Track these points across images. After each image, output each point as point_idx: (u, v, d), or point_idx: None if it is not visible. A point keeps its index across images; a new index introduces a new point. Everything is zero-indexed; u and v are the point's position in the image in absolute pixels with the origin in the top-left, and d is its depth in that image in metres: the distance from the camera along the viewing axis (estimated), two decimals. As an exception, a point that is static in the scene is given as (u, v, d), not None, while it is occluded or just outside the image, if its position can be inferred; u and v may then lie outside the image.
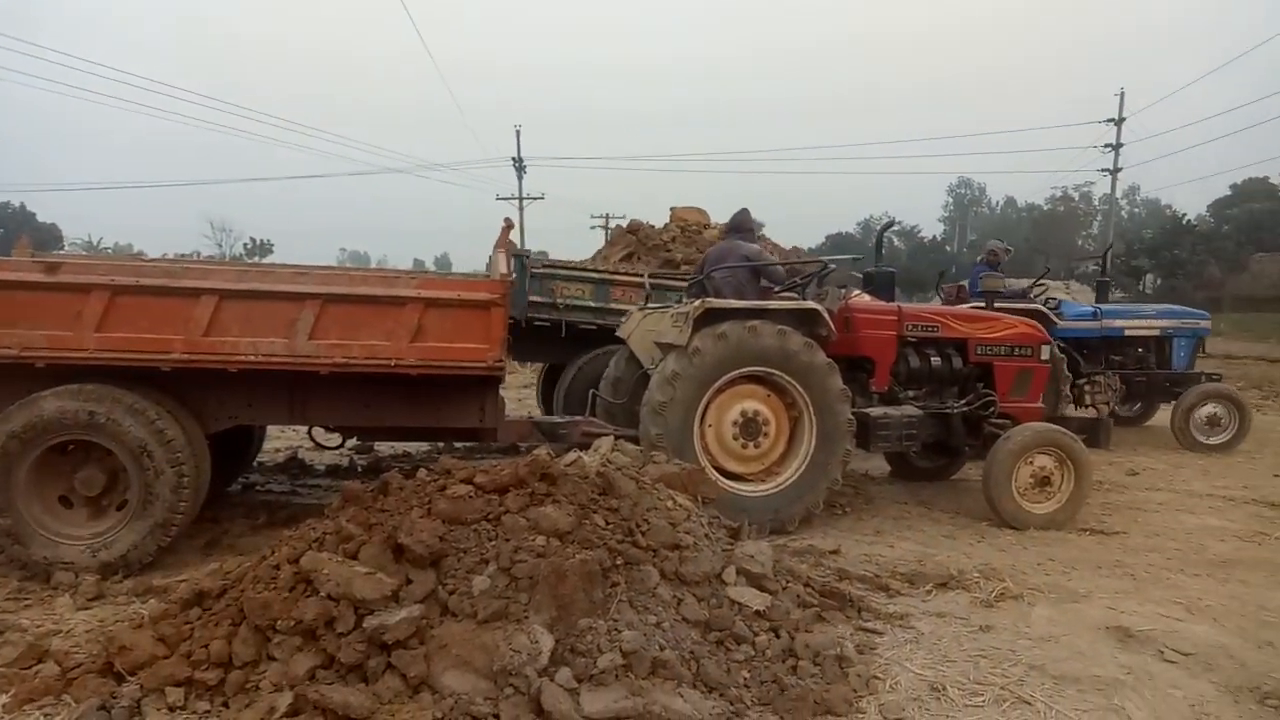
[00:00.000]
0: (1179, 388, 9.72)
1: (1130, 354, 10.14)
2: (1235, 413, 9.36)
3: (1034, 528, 5.73)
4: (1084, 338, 9.89)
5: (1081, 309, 10.13)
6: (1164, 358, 10.11)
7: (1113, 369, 9.95)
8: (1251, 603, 4.39)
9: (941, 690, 3.32)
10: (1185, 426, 9.35)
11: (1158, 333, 10.11)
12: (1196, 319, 10.37)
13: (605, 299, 7.93)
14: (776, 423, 5.63)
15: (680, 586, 3.56)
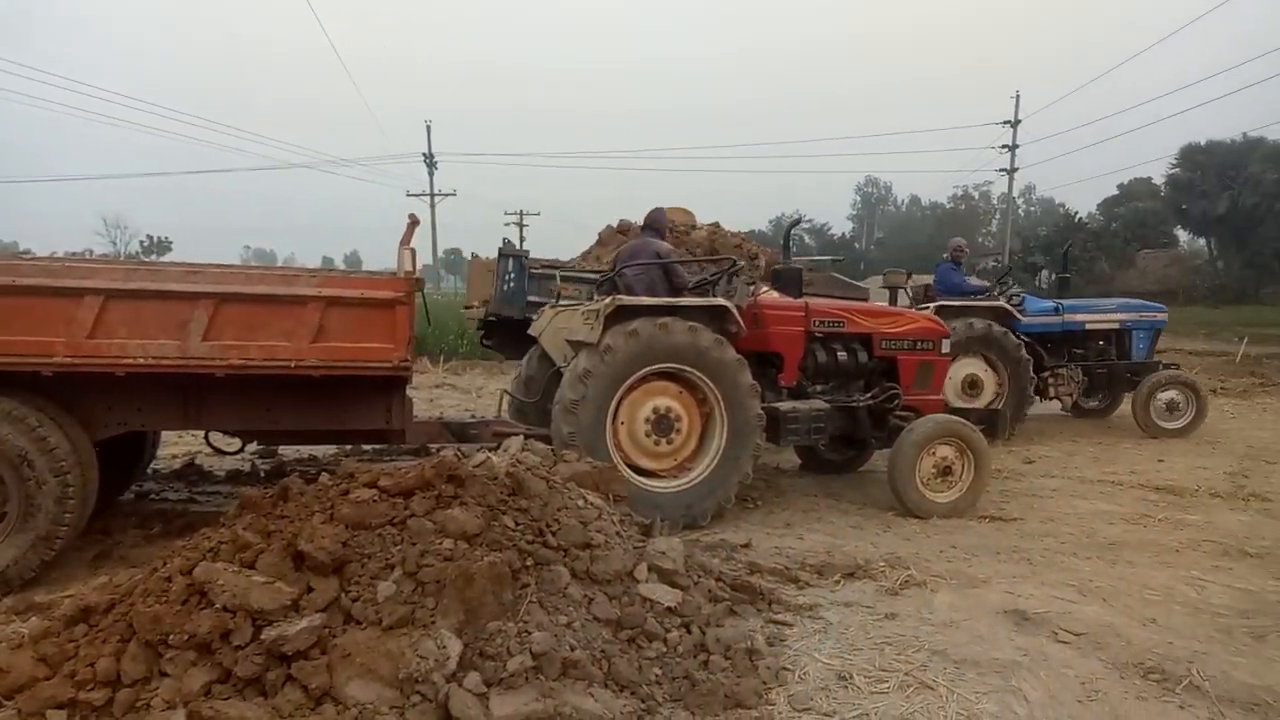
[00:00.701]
0: (1138, 377, 10.07)
1: (1092, 347, 10.46)
2: (1192, 397, 9.81)
3: (937, 516, 5.90)
4: (1047, 332, 10.19)
5: (1044, 305, 10.44)
6: (1124, 350, 10.48)
7: (1075, 362, 10.31)
8: (1137, 583, 4.61)
9: (848, 678, 3.38)
10: (1146, 413, 9.73)
11: (1117, 326, 10.46)
12: (1154, 312, 10.75)
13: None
14: (688, 419, 5.66)
15: (592, 585, 3.54)
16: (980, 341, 9.41)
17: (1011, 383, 9.48)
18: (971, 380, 9.47)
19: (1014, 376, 9.46)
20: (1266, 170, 34.95)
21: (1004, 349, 9.42)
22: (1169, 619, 4.08)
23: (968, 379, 9.46)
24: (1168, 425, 9.72)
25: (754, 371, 5.82)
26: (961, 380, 9.43)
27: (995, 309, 9.66)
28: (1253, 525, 5.86)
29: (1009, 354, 9.42)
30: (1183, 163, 39.17)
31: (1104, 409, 11.12)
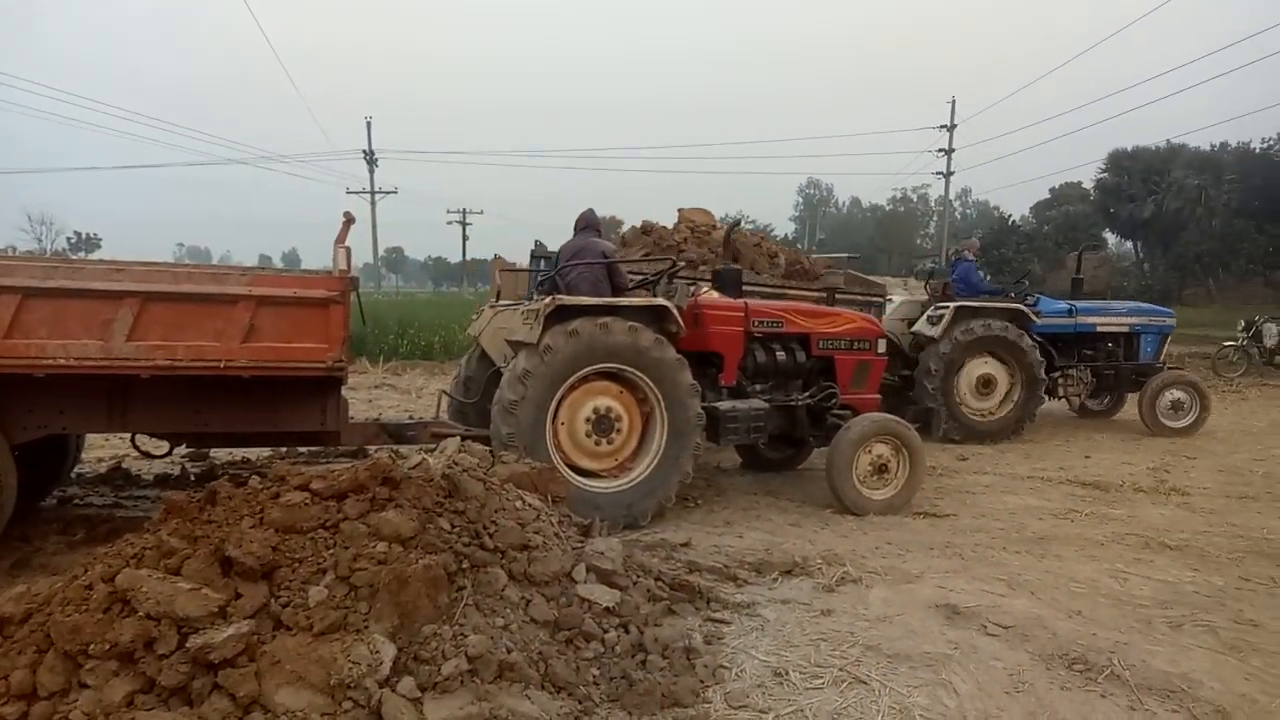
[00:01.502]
0: (1144, 379, 10.32)
1: (1101, 349, 10.63)
2: (1196, 397, 10.06)
3: (873, 513, 6.00)
4: (1059, 333, 10.33)
5: (1058, 306, 10.56)
6: (1132, 352, 10.64)
7: (1084, 363, 10.50)
8: (1064, 576, 4.75)
9: (784, 675, 3.42)
10: (1152, 412, 9.99)
11: (1127, 329, 10.65)
12: (1163, 316, 11.00)
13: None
14: (629, 419, 5.66)
15: (529, 587, 3.52)
16: (995, 342, 9.55)
17: (1024, 383, 9.64)
18: (985, 379, 9.61)
19: (1026, 377, 9.63)
20: (1188, 176, 36.26)
21: (1018, 350, 9.55)
22: (1093, 610, 4.20)
23: (982, 378, 9.60)
24: (1173, 424, 9.97)
25: (694, 371, 5.85)
26: (976, 379, 9.59)
27: (1012, 310, 9.82)
28: (1173, 519, 6.07)
29: (1022, 355, 9.56)
30: (1111, 168, 40.45)
31: (1109, 409, 11.36)
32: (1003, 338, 9.49)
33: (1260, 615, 4.13)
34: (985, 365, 9.60)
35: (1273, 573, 4.81)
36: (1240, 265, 28.36)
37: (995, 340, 9.50)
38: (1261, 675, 3.47)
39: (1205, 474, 7.67)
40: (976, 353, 9.51)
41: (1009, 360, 9.63)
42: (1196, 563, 5.02)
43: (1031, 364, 9.54)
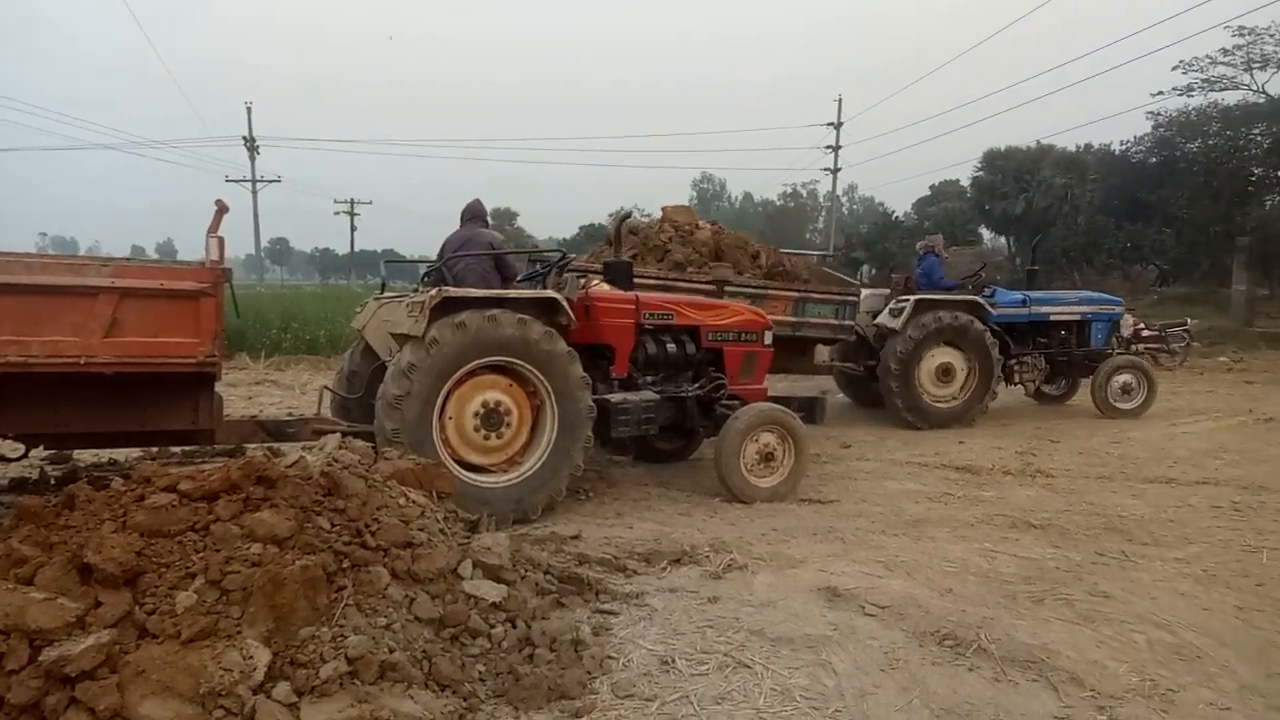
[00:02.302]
0: (1096, 364, 10.85)
1: (1054, 336, 11.14)
2: (1144, 381, 10.65)
3: (760, 500, 6.13)
4: (1014, 322, 10.79)
5: (1013, 297, 11.03)
6: (1083, 339, 11.17)
7: (1039, 350, 10.99)
8: (938, 556, 4.96)
9: (670, 663, 3.47)
10: (1104, 395, 10.52)
11: (1078, 317, 11.16)
12: (1111, 304, 11.56)
13: None
14: (519, 412, 5.62)
15: (413, 585, 3.47)
16: (953, 332, 9.98)
17: (979, 371, 10.13)
18: (945, 368, 10.05)
19: (982, 365, 10.11)
20: (1056, 175, 38.29)
21: (974, 339, 10.01)
22: (964, 588, 4.41)
23: (941, 367, 10.04)
24: (1123, 406, 10.54)
25: (585, 363, 5.85)
26: (936, 368, 10.02)
27: (969, 302, 10.28)
28: (1038, 499, 6.43)
29: (978, 344, 10.03)
30: (985, 166, 42.28)
31: (1063, 394, 11.87)
32: (960, 328, 9.97)
33: (1112, 587, 4.42)
34: (944, 355, 10.05)
35: (1124, 547, 5.15)
36: (1102, 260, 30.14)
37: (953, 330, 9.97)
38: (1111, 643, 3.72)
39: (1067, 457, 8.14)
40: (936, 343, 9.96)
41: (966, 349, 10.09)
42: (1057, 540, 5.33)
43: (987, 351, 10.04)
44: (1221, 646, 3.71)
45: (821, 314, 9.41)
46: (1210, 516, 5.91)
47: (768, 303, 8.84)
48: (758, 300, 8.70)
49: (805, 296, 9.34)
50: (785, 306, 9.09)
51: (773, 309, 8.77)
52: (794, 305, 9.20)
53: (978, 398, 10.16)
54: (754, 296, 8.74)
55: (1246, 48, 26.19)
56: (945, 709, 3.13)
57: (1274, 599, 4.31)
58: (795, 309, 9.21)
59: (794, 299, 9.20)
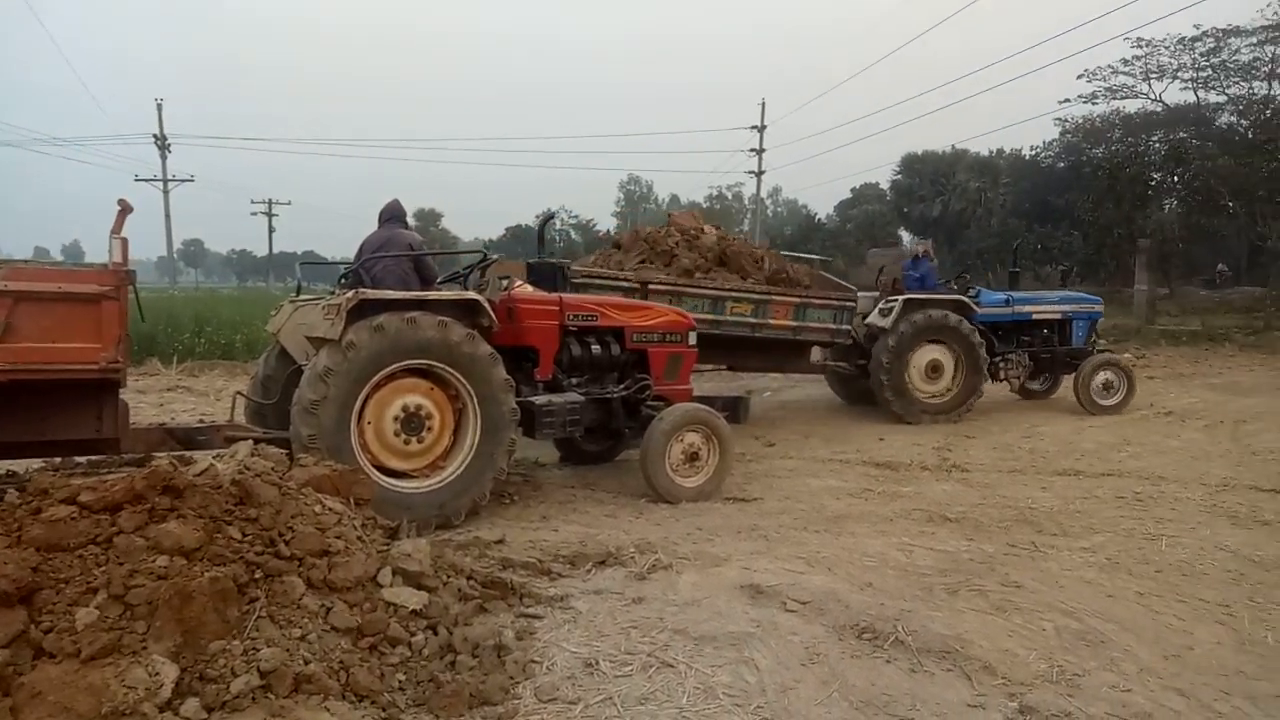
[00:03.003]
0: (1078, 361, 11.17)
1: (1037, 335, 11.51)
2: (1124, 377, 10.94)
3: (686, 500, 6.17)
4: (998, 321, 11.18)
5: (996, 297, 11.44)
6: (1065, 337, 11.54)
7: (1022, 348, 11.36)
8: (858, 551, 5.06)
9: (594, 665, 3.45)
10: (1086, 392, 10.77)
11: (1060, 316, 11.54)
12: (1091, 303, 11.97)
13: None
14: (440, 416, 5.53)
15: (330, 594, 3.38)
16: (940, 330, 10.34)
17: (967, 368, 10.47)
18: (933, 365, 10.40)
19: (969, 362, 10.46)
20: (970, 179, 39.56)
21: (961, 337, 10.38)
22: (882, 582, 4.50)
23: (930, 364, 10.39)
24: (1105, 403, 10.80)
25: (509, 366, 5.80)
26: (925, 365, 10.37)
27: (956, 301, 10.65)
28: (953, 494, 6.61)
29: (965, 341, 10.40)
30: (904, 170, 43.43)
31: (1046, 391, 12.19)
32: (947, 326, 10.35)
33: (1023, 577, 4.57)
34: (933, 352, 10.40)
35: (1034, 538, 5.34)
36: (1015, 260, 31.38)
37: (940, 328, 10.34)
38: (1021, 631, 3.84)
39: (982, 451, 8.41)
40: (924, 341, 10.31)
41: (954, 346, 10.46)
42: (972, 533, 5.49)
43: (974, 349, 10.41)
44: (1124, 631, 3.87)
45: (820, 319, 9.78)
46: (1114, 507, 6.16)
47: (771, 307, 9.40)
48: (761, 306, 9.29)
49: (806, 302, 9.69)
50: (787, 311, 9.50)
51: (776, 314, 9.39)
52: (795, 310, 9.58)
53: (966, 394, 10.51)
54: (758, 302, 9.29)
55: (1144, 58, 27.44)
56: (863, 701, 3.20)
57: (1171, 584, 4.52)
58: (796, 314, 9.59)
59: (795, 304, 9.57)
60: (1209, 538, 5.33)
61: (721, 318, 9.14)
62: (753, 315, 9.35)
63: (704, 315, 8.75)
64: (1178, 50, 26.69)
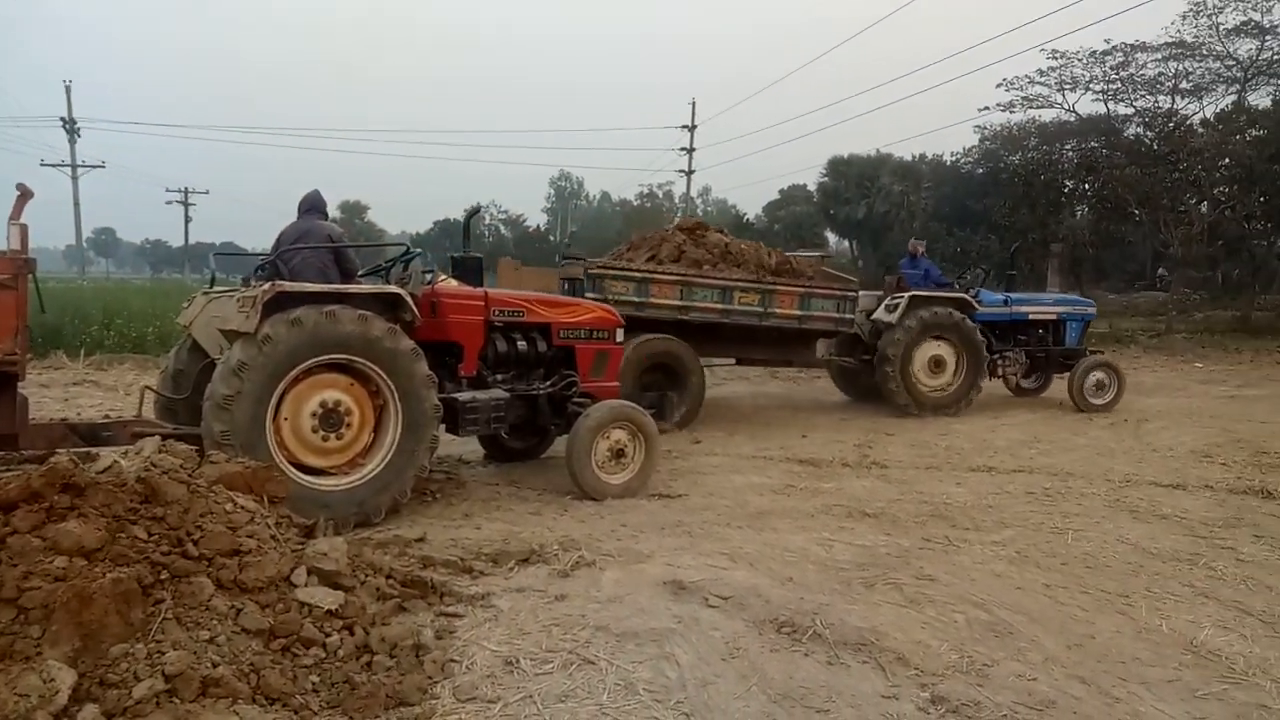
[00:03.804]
0: (1071, 361, 11.62)
1: (1032, 335, 11.98)
2: (1115, 377, 11.33)
3: (611, 497, 6.17)
4: (996, 321, 11.59)
5: (995, 297, 11.87)
6: (1059, 337, 12.02)
7: (1019, 347, 11.83)
8: (779, 546, 5.13)
9: (515, 663, 3.43)
10: (1080, 391, 11.14)
11: (1054, 317, 12.03)
12: (1085, 306, 12.56)
13: (646, 295, 9.26)
14: (360, 412, 5.42)
15: (241, 595, 3.29)
16: (943, 327, 10.79)
17: (969, 363, 10.94)
18: (936, 360, 10.87)
19: (971, 357, 10.95)
20: (894, 182, 40.52)
21: (964, 334, 10.88)
22: (803, 576, 4.58)
23: (933, 359, 10.85)
24: (1096, 401, 11.20)
25: (432, 361, 5.71)
26: (928, 360, 10.83)
27: (959, 300, 11.10)
28: (872, 489, 6.76)
29: (968, 338, 10.89)
30: (830, 172, 44.20)
31: (1039, 389, 12.62)
32: (950, 323, 10.81)
33: (936, 571, 4.70)
34: (936, 348, 10.85)
35: (948, 533, 5.49)
36: (935, 264, 32.30)
37: (944, 325, 10.79)
38: (934, 623, 3.95)
39: (900, 448, 8.61)
40: (928, 336, 10.74)
41: (956, 343, 10.92)
42: (889, 527, 5.62)
43: (975, 345, 10.92)
44: (1031, 622, 4.01)
45: (824, 308, 10.24)
46: (1024, 502, 6.38)
47: (777, 296, 9.87)
48: (767, 295, 9.77)
49: (810, 292, 10.15)
50: (792, 301, 10.00)
51: (781, 303, 9.88)
52: (800, 300, 10.06)
53: (966, 388, 10.96)
54: (765, 292, 9.79)
55: (1059, 70, 28.41)
56: (781, 694, 3.24)
57: (1076, 576, 4.70)
58: (801, 303, 10.07)
59: (800, 294, 10.05)
60: (1111, 531, 5.56)
61: (731, 307, 9.67)
62: (759, 305, 9.82)
63: (714, 305, 9.52)
64: (1089, 63, 27.68)
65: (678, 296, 9.44)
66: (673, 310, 9.47)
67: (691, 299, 9.52)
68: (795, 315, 10.03)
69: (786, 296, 9.95)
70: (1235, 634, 3.92)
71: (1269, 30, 25.15)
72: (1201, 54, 26.52)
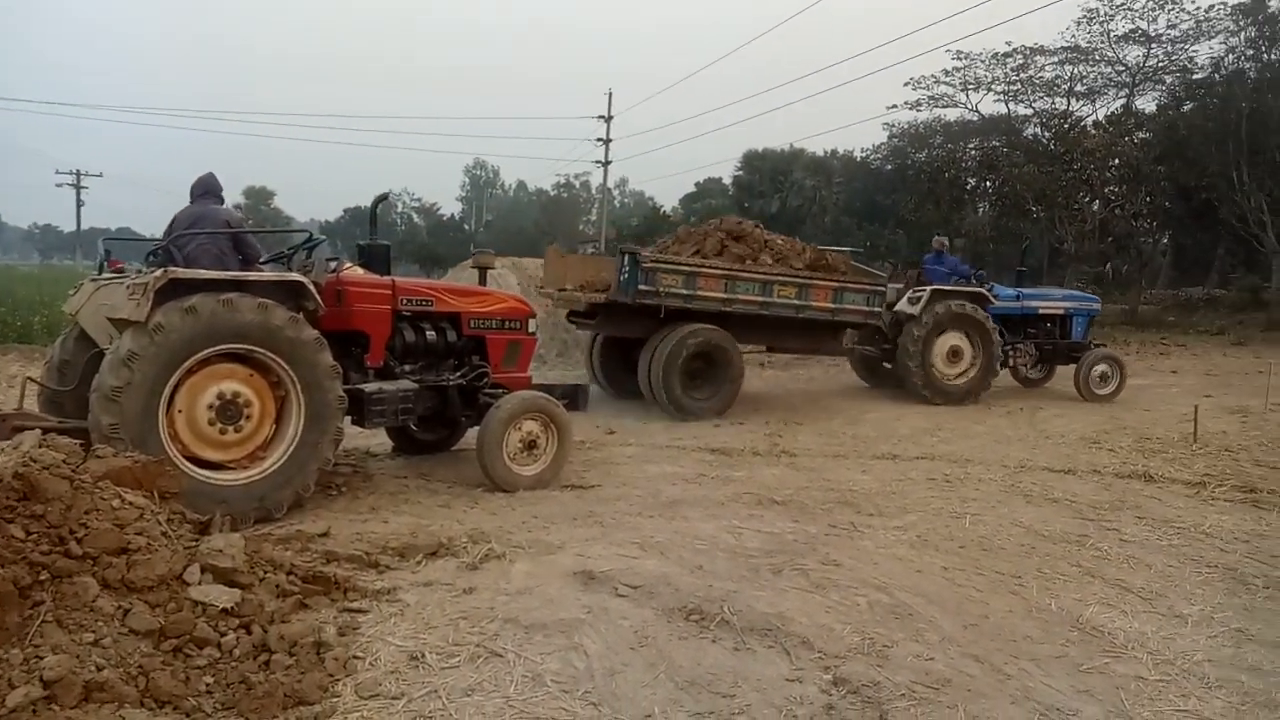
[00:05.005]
0: (1077, 354, 12.27)
1: (1041, 328, 12.67)
2: (1117, 368, 12.01)
3: (523, 489, 6.12)
4: (1008, 314, 12.21)
5: (1008, 292, 12.49)
6: (1065, 331, 12.68)
7: (1029, 340, 12.52)
8: (690, 535, 5.17)
9: (420, 658, 3.38)
10: (1086, 382, 11.83)
11: (1062, 312, 12.70)
12: (1090, 302, 13.23)
13: (694, 287, 9.77)
14: (260, 404, 5.23)
15: (128, 595, 3.16)
16: (962, 319, 11.44)
17: (984, 354, 11.59)
18: (954, 350, 11.51)
19: (986, 349, 11.58)
20: (806, 177, 41.31)
21: (980, 326, 11.52)
22: (712, 564, 4.63)
23: (952, 349, 11.49)
24: (1101, 392, 11.84)
25: (337, 351, 5.56)
26: (947, 350, 11.46)
27: (977, 294, 11.76)
28: (782, 477, 6.88)
29: (984, 330, 11.53)
30: (745, 166, 44.75)
31: (1043, 379, 13.18)
32: (968, 316, 11.45)
33: (841, 556, 4.81)
34: (954, 339, 11.49)
35: (854, 519, 5.63)
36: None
37: (962, 318, 11.44)
38: (838, 607, 4.05)
39: (809, 437, 8.79)
40: (947, 328, 11.39)
41: (972, 334, 11.56)
42: (797, 514, 5.73)
43: (991, 337, 11.54)
44: (929, 604, 4.14)
45: (855, 302, 10.72)
46: (925, 488, 6.59)
47: (813, 290, 10.39)
48: (804, 289, 10.31)
49: (843, 286, 10.66)
50: (827, 294, 10.51)
51: (817, 296, 10.40)
52: (834, 294, 10.55)
53: (982, 376, 11.61)
54: (801, 286, 10.31)
55: (963, 70, 29.34)
56: (688, 681, 3.27)
57: (973, 559, 4.88)
58: (835, 297, 10.55)
59: (834, 288, 10.56)
60: (1006, 515, 5.79)
61: (770, 300, 10.17)
62: (797, 297, 10.31)
63: (755, 297, 10.08)
64: (992, 64, 28.66)
65: (722, 289, 9.95)
66: (717, 302, 9.96)
67: (735, 292, 10.03)
68: (829, 308, 10.55)
69: (822, 290, 10.47)
70: (1117, 610, 4.13)
71: (1154, 39, 26.48)
72: (1094, 59, 27.80)
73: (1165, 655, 3.64)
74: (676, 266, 9.85)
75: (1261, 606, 4.25)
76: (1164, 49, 26.74)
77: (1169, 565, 4.82)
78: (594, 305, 10.24)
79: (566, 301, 11.03)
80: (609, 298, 9.91)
